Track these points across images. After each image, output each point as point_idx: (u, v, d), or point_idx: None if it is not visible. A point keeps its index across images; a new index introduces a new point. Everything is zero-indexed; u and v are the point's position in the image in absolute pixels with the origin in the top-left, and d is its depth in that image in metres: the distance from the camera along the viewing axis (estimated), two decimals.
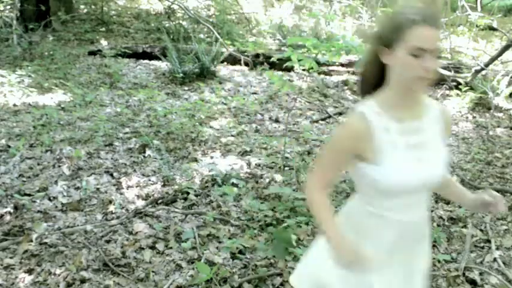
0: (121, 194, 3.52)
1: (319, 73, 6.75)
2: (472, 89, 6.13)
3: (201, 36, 7.74)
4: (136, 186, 3.63)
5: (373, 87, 1.49)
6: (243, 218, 3.28)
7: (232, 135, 4.74)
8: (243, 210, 3.40)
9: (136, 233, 3.03)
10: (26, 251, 2.77)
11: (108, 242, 2.93)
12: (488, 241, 3.23)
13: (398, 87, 1.42)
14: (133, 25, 8.77)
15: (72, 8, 8.92)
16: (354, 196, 1.63)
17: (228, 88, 6.14)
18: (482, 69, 6.10)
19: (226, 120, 5.11)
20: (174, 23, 8.34)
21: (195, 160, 4.14)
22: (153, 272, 2.69)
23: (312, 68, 3.68)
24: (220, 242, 2.99)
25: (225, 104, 5.60)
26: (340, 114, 5.67)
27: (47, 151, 4.02)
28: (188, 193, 3.57)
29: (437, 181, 1.49)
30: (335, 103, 6.03)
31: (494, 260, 3.01)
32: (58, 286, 2.51)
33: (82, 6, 9.43)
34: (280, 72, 6.14)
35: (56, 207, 3.28)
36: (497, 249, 3.13)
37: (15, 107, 4.94)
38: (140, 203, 3.40)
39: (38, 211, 3.19)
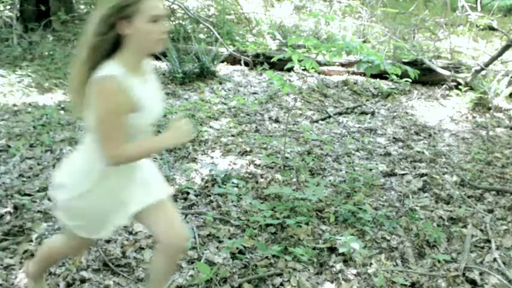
0: None
1: (319, 73, 6.75)
2: (472, 89, 6.13)
3: (201, 36, 7.74)
4: None
5: (105, 55, 1.72)
6: (243, 218, 3.28)
7: (232, 135, 4.74)
8: (243, 210, 3.40)
9: (136, 233, 3.03)
10: (26, 251, 2.76)
11: (108, 242, 2.93)
12: (488, 241, 3.23)
13: (138, 50, 1.74)
14: None
15: (72, 8, 8.91)
16: (89, 146, 1.86)
17: (228, 88, 6.14)
18: (482, 69, 6.11)
19: (226, 120, 5.11)
20: (174, 23, 8.33)
21: (195, 160, 4.14)
22: None
23: (312, 68, 3.69)
24: (220, 242, 2.99)
25: (225, 104, 5.60)
26: (340, 114, 5.67)
27: (47, 151, 4.02)
28: (188, 193, 3.57)
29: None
30: (335, 103, 6.03)
31: (494, 260, 3.02)
32: (58, 286, 2.51)
33: (82, 6, 9.43)
34: (280, 72, 6.15)
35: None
36: (497, 249, 3.14)
37: (15, 107, 4.93)
38: None
39: (38, 211, 3.19)
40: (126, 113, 1.72)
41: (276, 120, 5.27)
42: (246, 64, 6.86)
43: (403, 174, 4.19)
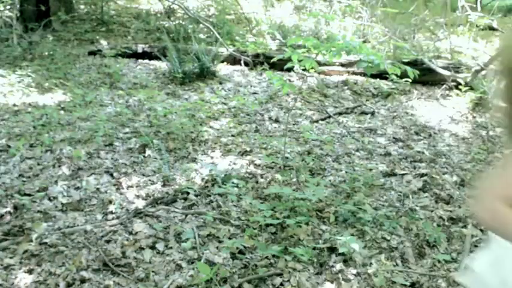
0: (121, 194, 3.52)
1: (319, 73, 6.75)
2: (472, 89, 6.13)
3: (201, 36, 7.74)
4: (137, 186, 3.63)
5: None
6: (243, 218, 3.28)
7: (232, 135, 4.74)
8: (243, 210, 3.40)
9: (136, 233, 3.03)
10: (26, 251, 2.77)
11: (108, 242, 2.93)
12: None
13: None
14: (133, 25, 8.77)
15: (72, 8, 8.91)
16: None
17: (228, 88, 6.14)
18: (482, 69, 6.11)
19: (226, 120, 5.11)
20: (174, 23, 8.33)
21: (195, 160, 4.14)
22: (153, 272, 2.69)
23: (312, 68, 3.69)
24: (220, 242, 2.99)
25: (225, 104, 5.60)
26: (340, 114, 5.67)
27: (47, 151, 4.02)
28: (188, 193, 3.57)
29: None
30: (335, 103, 6.02)
31: None
32: (58, 286, 2.51)
33: (82, 6, 9.43)
34: (280, 72, 6.15)
35: (56, 207, 3.28)
36: None
37: (15, 107, 4.93)
38: (140, 203, 3.40)
39: (38, 211, 3.19)
40: None
41: (276, 120, 5.27)
42: (246, 64, 6.86)
43: (403, 174, 4.19)
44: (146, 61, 6.90)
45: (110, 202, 3.39)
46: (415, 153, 4.66)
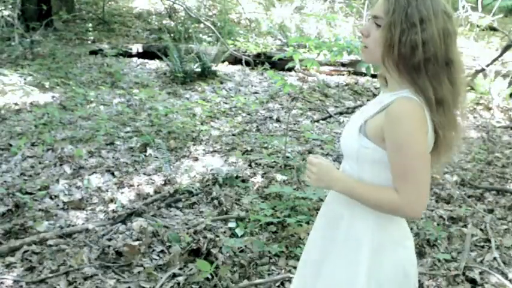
0: (122, 192, 3.53)
1: (320, 73, 6.75)
2: (472, 89, 6.14)
3: (202, 36, 7.75)
4: (138, 185, 3.64)
5: None
6: (244, 217, 3.29)
7: (233, 135, 4.75)
8: (244, 209, 3.41)
9: (138, 231, 3.04)
10: (27, 250, 2.77)
11: (109, 240, 2.94)
12: (488, 240, 3.24)
13: None
14: (134, 25, 8.78)
15: (74, 7, 8.92)
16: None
17: (229, 87, 6.15)
18: (483, 69, 6.11)
19: (227, 119, 5.12)
20: (175, 22, 8.34)
21: (196, 159, 4.15)
22: (153, 271, 2.70)
23: (313, 68, 3.69)
24: (220, 241, 3.00)
25: (226, 103, 5.61)
26: (340, 113, 5.67)
27: (48, 150, 4.03)
28: (189, 192, 3.58)
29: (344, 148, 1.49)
30: (336, 103, 6.03)
31: (494, 259, 3.02)
32: (59, 284, 2.52)
33: (83, 6, 9.44)
34: (281, 72, 6.15)
35: (58, 205, 3.29)
36: (497, 248, 3.14)
37: (17, 106, 4.94)
38: (141, 202, 3.41)
39: (40, 209, 3.20)
40: None
41: (277, 120, 5.28)
42: (247, 64, 6.87)
43: None
44: (147, 61, 6.91)
45: (111, 201, 3.40)
46: None
